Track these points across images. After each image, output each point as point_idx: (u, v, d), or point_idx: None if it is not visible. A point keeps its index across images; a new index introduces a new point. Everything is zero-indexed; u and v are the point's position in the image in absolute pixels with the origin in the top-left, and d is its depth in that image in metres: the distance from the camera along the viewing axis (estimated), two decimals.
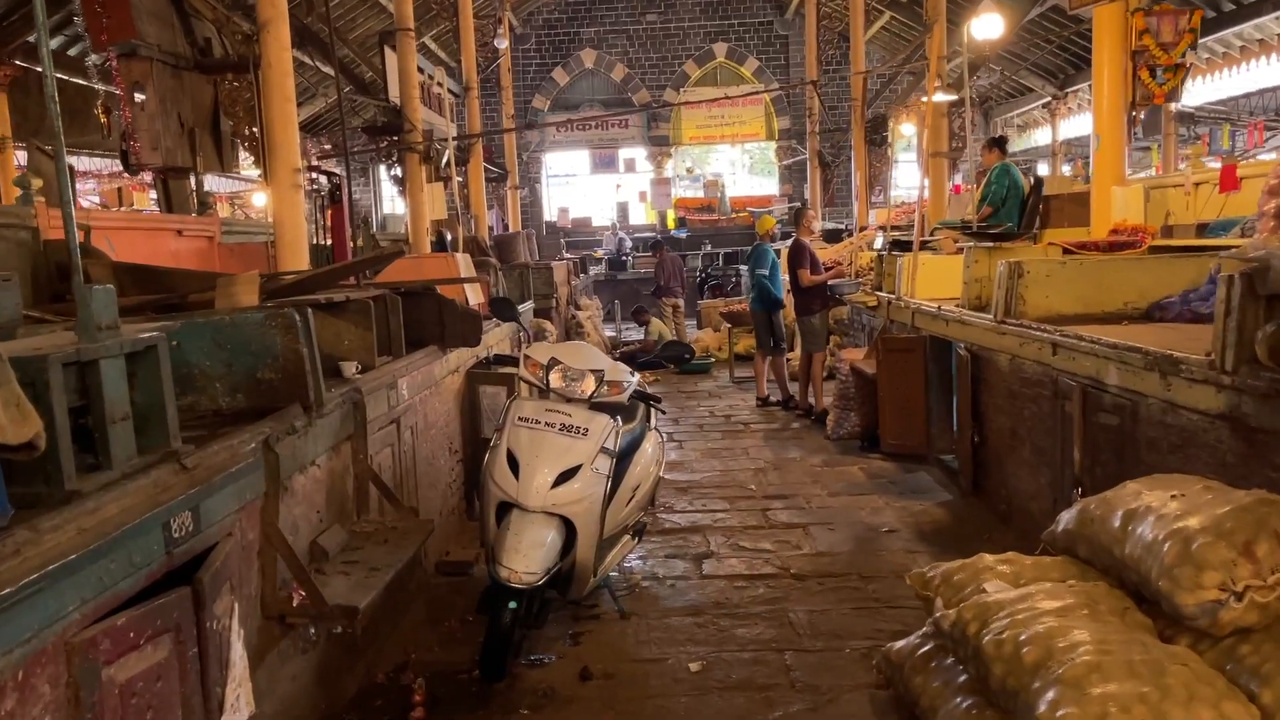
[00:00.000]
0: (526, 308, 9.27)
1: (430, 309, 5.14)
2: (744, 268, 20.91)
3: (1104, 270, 5.48)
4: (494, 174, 20.48)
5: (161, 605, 2.14)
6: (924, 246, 8.08)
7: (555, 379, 4.08)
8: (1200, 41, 12.90)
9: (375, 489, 3.88)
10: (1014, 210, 8.25)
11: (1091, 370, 4.36)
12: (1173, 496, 3.05)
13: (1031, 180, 8.46)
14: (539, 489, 3.81)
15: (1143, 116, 7.97)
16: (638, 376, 4.36)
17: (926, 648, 3.34)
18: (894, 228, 8.68)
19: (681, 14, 23.72)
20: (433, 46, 20.65)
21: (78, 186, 12.58)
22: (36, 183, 4.94)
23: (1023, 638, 2.72)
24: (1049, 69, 19.91)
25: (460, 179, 15.62)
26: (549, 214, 24.77)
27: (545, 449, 3.87)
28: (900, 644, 3.52)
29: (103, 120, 6.92)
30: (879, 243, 8.70)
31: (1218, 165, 11.43)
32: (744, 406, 9.94)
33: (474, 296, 6.59)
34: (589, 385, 4.07)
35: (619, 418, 4.12)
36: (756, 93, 22.59)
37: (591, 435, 3.93)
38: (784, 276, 9.76)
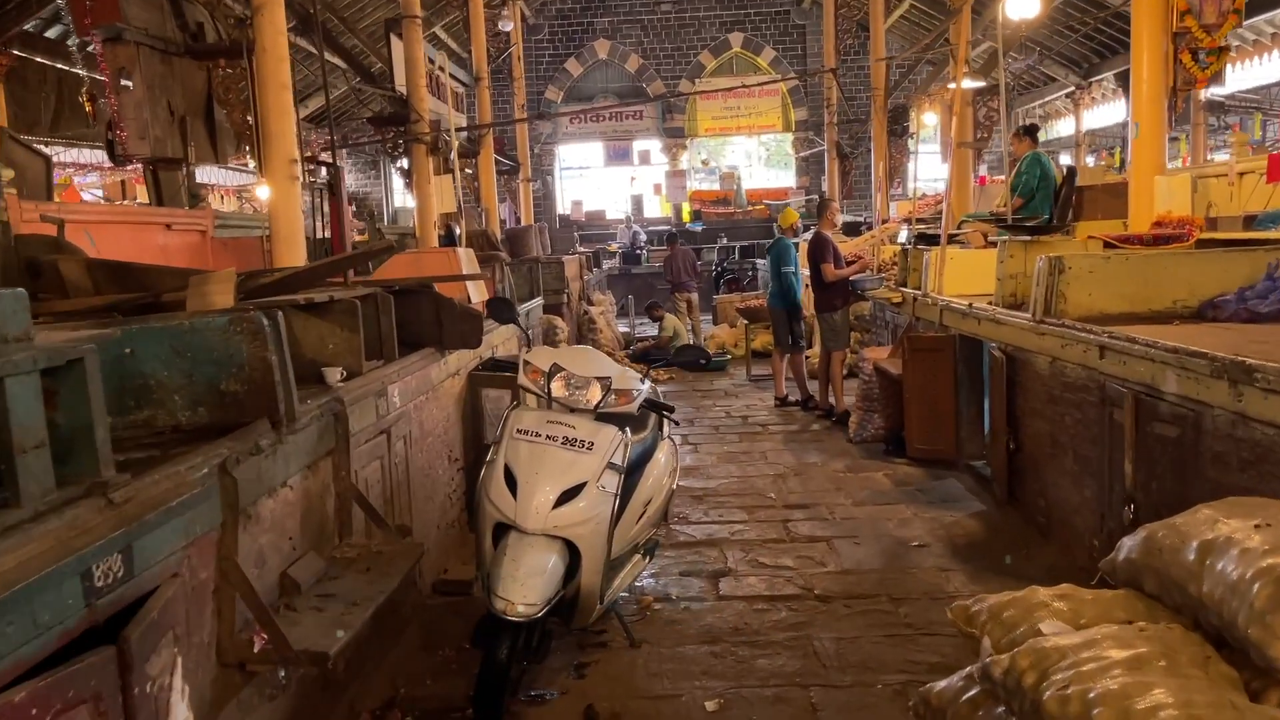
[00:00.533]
0: (535, 304, 8.93)
1: (427, 308, 4.79)
2: (761, 261, 20.62)
3: (1151, 266, 5.07)
4: (506, 166, 20.14)
5: (75, 672, 1.80)
6: (951, 240, 7.68)
7: (558, 387, 3.72)
8: None
9: (360, 509, 3.53)
10: (1046, 202, 7.85)
11: (1146, 376, 3.96)
12: (1256, 526, 2.67)
13: (1064, 170, 8.04)
14: (539, 509, 3.45)
15: (1183, 101, 7.56)
16: (648, 384, 4.00)
17: (972, 693, 2.96)
18: (919, 220, 8.28)
19: (697, 3, 23.28)
20: (443, 37, 20.31)
21: (78, 180, 12.29)
22: (7, 174, 4.63)
23: (1092, 695, 2.34)
24: (1072, 58, 19.38)
25: (470, 171, 15.30)
26: (562, 207, 24.43)
27: (546, 465, 3.51)
28: (941, 685, 3.14)
29: (88, 108, 6.61)
30: (903, 236, 8.31)
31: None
32: (761, 406, 9.57)
33: (477, 294, 6.25)
34: (595, 394, 3.71)
35: (628, 429, 3.76)
36: (773, 81, 22.16)
37: (597, 449, 3.57)
38: (803, 271, 9.39)
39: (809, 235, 9.57)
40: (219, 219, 7.46)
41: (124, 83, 6.00)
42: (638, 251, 22.20)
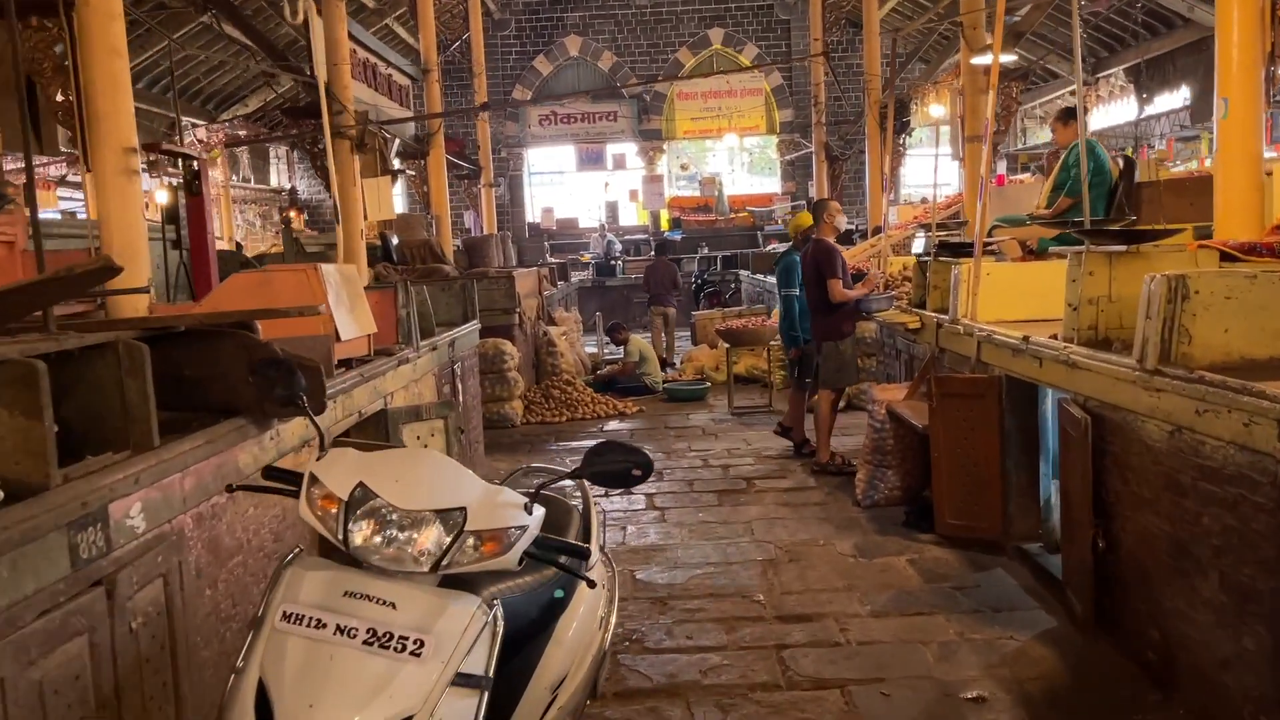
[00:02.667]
0: (465, 331, 7.25)
1: (231, 358, 3.11)
2: (745, 273, 19.03)
3: None
4: (466, 170, 18.49)
5: None
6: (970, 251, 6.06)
7: (363, 533, 2.04)
8: None
9: None
10: (1100, 202, 6.25)
11: None
12: None
13: (1120, 162, 6.44)
14: None
15: None
16: (540, 511, 2.27)
17: None
18: (939, 226, 6.65)
19: None
20: (401, 33, 18.67)
21: None
22: None
23: None
24: (1040, 74, 17.92)
25: (414, 173, 13.63)
26: (532, 214, 22.76)
27: (333, 684, 1.84)
28: None
29: None
30: (918, 246, 6.70)
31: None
32: (746, 451, 7.91)
33: (356, 327, 4.58)
34: (429, 540, 2.04)
35: (497, 601, 2.09)
36: (755, 67, 20.59)
37: (433, 652, 1.90)
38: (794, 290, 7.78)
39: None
40: (45, 226, 5.75)
41: None
42: (612, 262, 20.56)
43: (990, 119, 5.96)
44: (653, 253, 15.68)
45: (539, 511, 2.19)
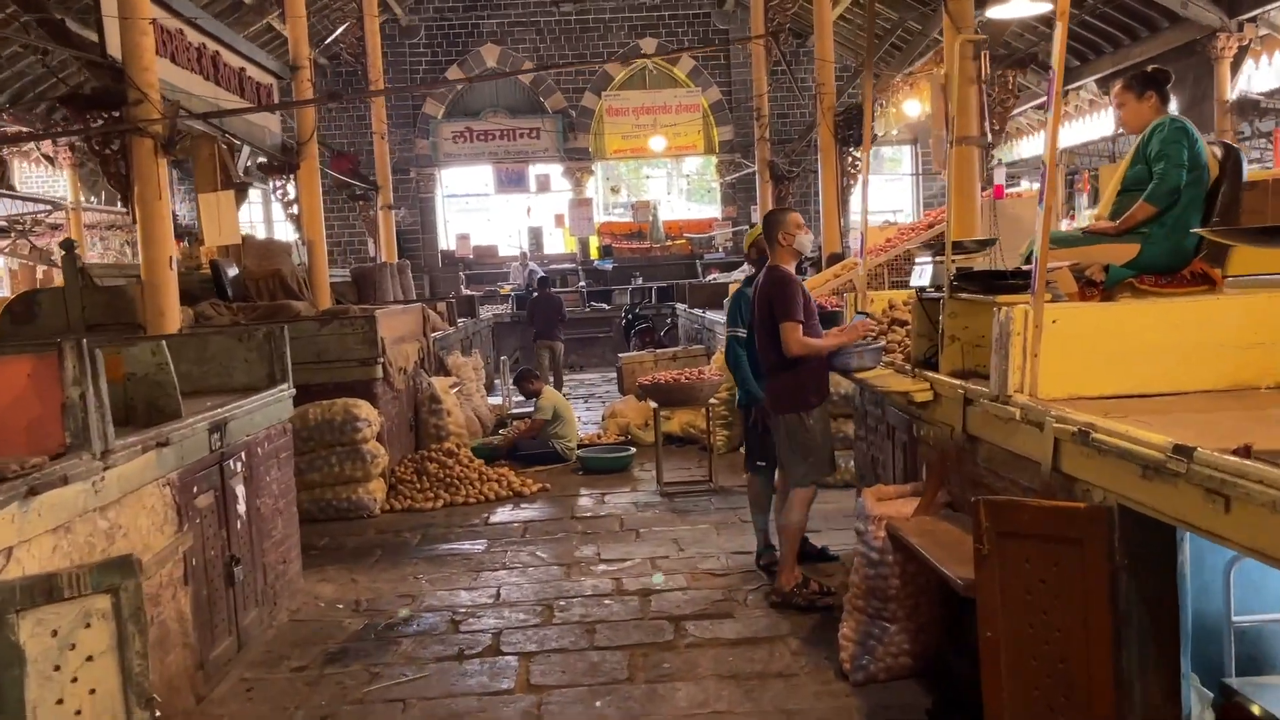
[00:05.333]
0: (260, 403, 4.88)
1: None
2: (681, 306, 16.90)
3: None
4: (362, 190, 16.11)
5: None
6: (1014, 283, 3.93)
7: None
8: None
9: None
10: (1195, 208, 4.16)
11: None
12: None
13: (1218, 152, 4.37)
14: None
15: None
16: None
17: None
18: (955, 246, 4.47)
19: (602, 4, 19.68)
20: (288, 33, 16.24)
21: None
22: None
23: None
24: (1046, 62, 16.16)
25: (273, 189, 11.22)
26: (446, 241, 20.42)
27: None
28: None
29: None
30: (923, 278, 4.54)
31: None
32: (678, 561, 5.67)
33: None
34: None
35: None
36: (695, 50, 18.72)
37: None
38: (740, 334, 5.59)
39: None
40: None
41: None
42: (535, 294, 18.27)
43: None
44: (538, 285, 14.98)
45: None
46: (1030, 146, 17.25)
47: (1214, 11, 11.47)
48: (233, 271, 8.77)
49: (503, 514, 7.12)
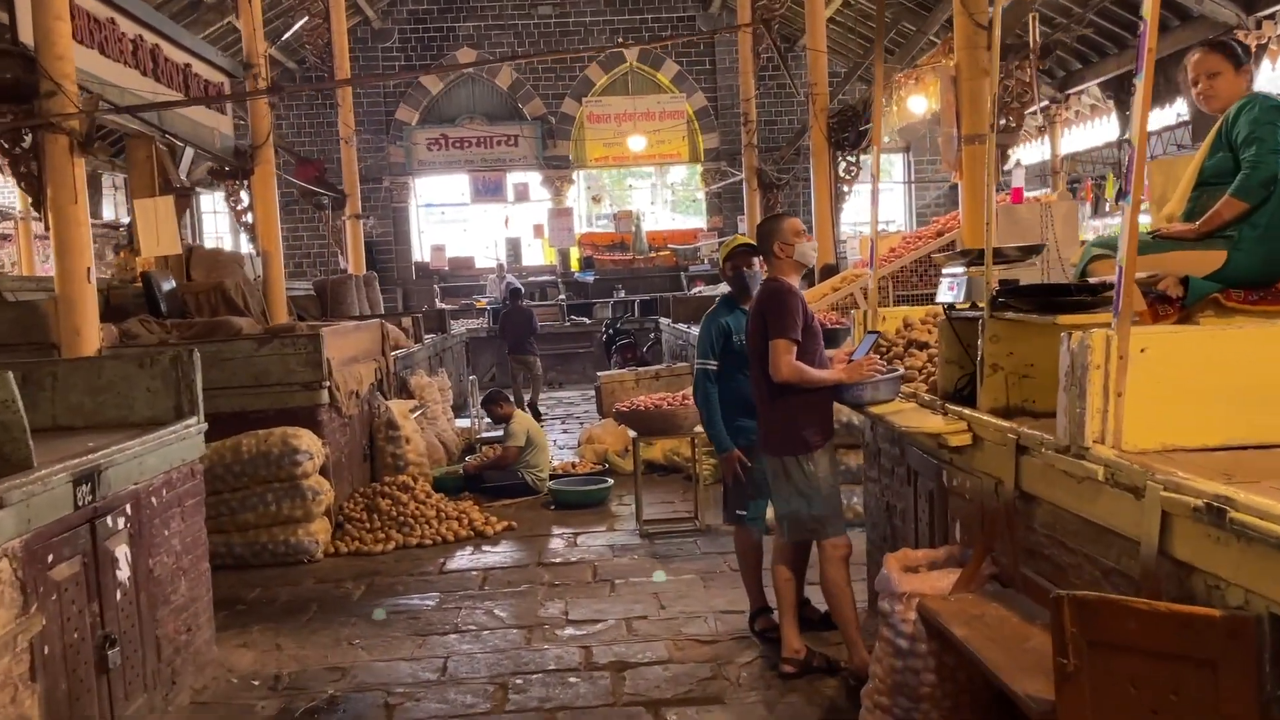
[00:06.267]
0: (152, 443, 4.04)
1: None
2: (665, 321, 16.11)
3: None
4: (328, 200, 15.26)
5: None
6: (1079, 299, 3.16)
7: None
8: None
9: None
10: None
11: None
12: None
13: None
14: None
15: None
16: None
17: None
18: (996, 255, 3.67)
19: (583, 7, 18.94)
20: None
21: None
22: None
23: None
24: (1046, 65, 15.50)
25: (230, 193, 10.37)
26: (420, 253, 19.58)
27: None
28: None
29: None
30: (955, 293, 3.76)
31: None
32: (657, 624, 4.85)
33: None
34: None
35: None
36: (680, 37, 17.98)
37: None
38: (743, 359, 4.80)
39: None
40: None
41: None
42: (506, 306, 17.46)
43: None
44: (510, 298, 14.31)
45: None
46: (1033, 153, 16.56)
47: (1230, 8, 10.82)
48: (168, 285, 7.94)
49: (461, 559, 6.28)
